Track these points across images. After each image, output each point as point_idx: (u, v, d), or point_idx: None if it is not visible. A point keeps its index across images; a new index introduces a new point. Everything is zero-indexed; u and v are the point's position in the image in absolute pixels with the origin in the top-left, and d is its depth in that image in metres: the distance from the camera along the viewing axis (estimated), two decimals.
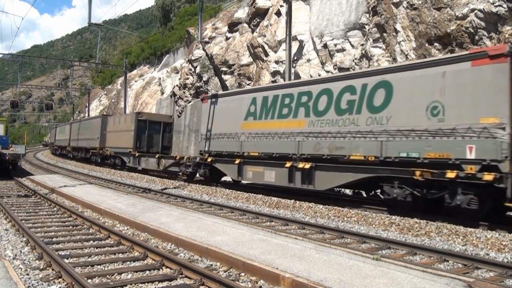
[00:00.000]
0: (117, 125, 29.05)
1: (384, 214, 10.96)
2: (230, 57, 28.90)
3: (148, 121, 26.25)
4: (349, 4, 19.74)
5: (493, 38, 13.40)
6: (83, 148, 36.54)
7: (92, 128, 33.23)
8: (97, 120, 32.89)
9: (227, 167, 16.95)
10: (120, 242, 7.99)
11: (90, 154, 33.94)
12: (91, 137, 33.08)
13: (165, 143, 26.97)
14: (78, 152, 39.20)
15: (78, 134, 38.22)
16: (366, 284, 5.18)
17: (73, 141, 40.62)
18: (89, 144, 33.65)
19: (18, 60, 47.50)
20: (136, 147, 25.59)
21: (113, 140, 29.15)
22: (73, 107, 74.24)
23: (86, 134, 35.00)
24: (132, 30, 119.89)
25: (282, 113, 14.48)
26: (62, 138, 47.77)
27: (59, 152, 50.18)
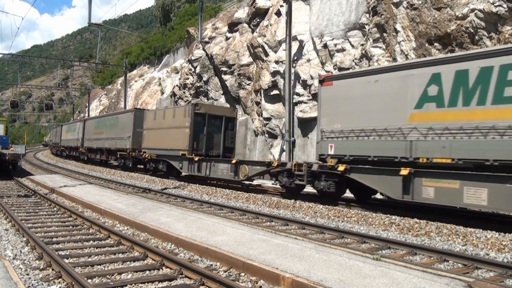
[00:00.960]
0: (160, 121, 22.81)
1: (384, 214, 10.96)
2: (230, 57, 28.90)
3: (207, 115, 20.15)
4: (349, 4, 19.74)
5: (493, 38, 13.40)
6: (103, 149, 30.93)
7: (120, 125, 27.83)
8: (127, 115, 27.10)
9: (379, 180, 11.57)
10: (120, 242, 7.99)
11: (116, 156, 28.52)
12: (118, 136, 27.67)
13: (227, 143, 20.83)
14: (95, 154, 33.44)
15: (96, 132, 32.70)
16: (366, 284, 5.18)
17: (88, 141, 35.09)
18: (115, 144, 28.24)
19: (18, 60, 47.53)
20: (192, 149, 19.60)
21: (154, 139, 22.94)
22: (73, 107, 74.29)
23: (110, 132, 29.54)
24: (132, 30, 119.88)
25: (503, 96, 9.26)
26: (70, 137, 42.01)
27: (66, 154, 44.91)
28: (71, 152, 42.47)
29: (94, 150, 33.88)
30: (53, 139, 57.29)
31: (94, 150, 33.88)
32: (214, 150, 20.33)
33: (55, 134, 54.35)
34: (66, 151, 45.17)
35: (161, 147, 22.02)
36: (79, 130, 38.25)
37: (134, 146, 25.09)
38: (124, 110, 35.42)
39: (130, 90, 50.56)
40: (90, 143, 34.37)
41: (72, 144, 41.21)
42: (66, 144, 44.29)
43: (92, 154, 34.42)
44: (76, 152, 39.75)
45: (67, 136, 44.31)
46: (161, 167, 22.54)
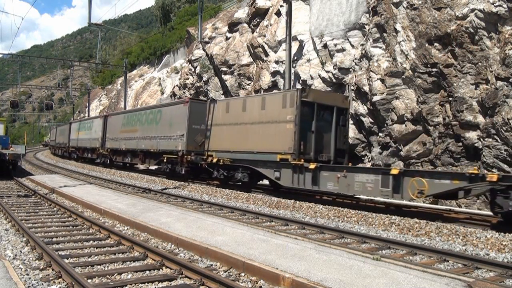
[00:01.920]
0: (238, 114, 16.86)
1: (384, 214, 10.96)
2: (230, 57, 28.89)
3: (316, 104, 14.50)
4: (349, 4, 19.74)
5: (493, 38, 13.39)
6: (137, 151, 25.03)
7: (165, 121, 22.19)
8: (177, 108, 21.09)
9: None
10: (120, 242, 7.99)
11: (158, 160, 23.04)
12: (163, 134, 22.03)
13: (339, 144, 15.38)
14: (123, 156, 27.67)
15: (126, 131, 27.19)
16: (366, 284, 5.18)
17: (112, 142, 29.45)
18: (156, 145, 22.43)
19: (18, 60, 47.55)
20: (299, 152, 14.08)
21: (228, 139, 17.23)
22: (73, 107, 74.27)
23: (147, 130, 24.05)
24: (132, 30, 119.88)
25: None
26: (85, 137, 36.08)
27: (77, 156, 39.32)
28: (85, 153, 36.52)
29: (121, 152, 27.85)
30: (56, 139, 51.47)
31: (121, 152, 27.85)
32: (324, 154, 14.78)
33: (60, 133, 49.14)
34: (77, 153, 39.20)
35: (240, 149, 16.37)
36: (97, 128, 32.43)
37: (190, 147, 19.41)
38: (172, 101, 28.47)
39: (130, 90, 50.54)
40: (116, 144, 28.38)
41: (86, 145, 35.24)
42: (78, 144, 38.25)
43: (119, 156, 28.47)
44: (93, 154, 33.66)
45: (79, 135, 38.11)
46: (241, 176, 16.51)
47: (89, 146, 34.66)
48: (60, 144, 47.57)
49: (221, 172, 17.64)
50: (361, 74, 18.34)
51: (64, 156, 45.43)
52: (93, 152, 33.84)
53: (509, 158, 13.20)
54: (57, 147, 51.15)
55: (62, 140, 45.97)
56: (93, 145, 33.37)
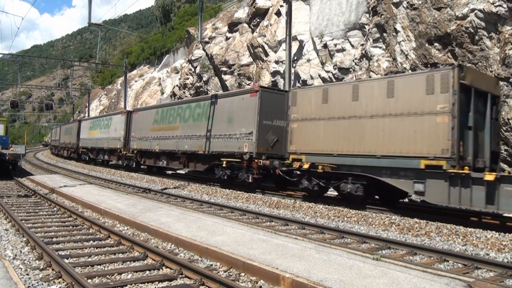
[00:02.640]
0: (345, 104, 12.77)
1: (384, 214, 10.97)
2: (230, 57, 28.90)
3: (473, 90, 10.79)
4: (349, 4, 19.74)
5: (493, 38, 13.40)
6: (177, 152, 20.69)
7: (221, 116, 17.77)
8: (240, 99, 16.71)
9: None
10: (120, 242, 7.99)
11: (207, 165, 18.50)
12: (220, 133, 17.51)
13: (494, 145, 11.63)
14: (155, 159, 23.48)
15: (158, 129, 22.97)
16: (366, 284, 5.18)
17: (140, 141, 24.96)
18: (209, 146, 18.09)
19: (18, 60, 47.54)
20: (459, 156, 10.22)
21: (329, 138, 13.13)
22: (73, 107, 74.31)
23: (192, 128, 19.63)
24: (132, 30, 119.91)
25: None
26: (101, 136, 31.64)
27: (88, 158, 35.38)
28: (100, 155, 32.41)
29: (152, 154, 23.80)
30: (61, 138, 47.10)
31: (152, 154, 23.80)
32: (479, 158, 10.89)
33: (65, 132, 44.93)
34: (89, 154, 34.89)
35: (349, 151, 12.37)
36: (118, 125, 28.26)
37: (261, 149, 15.42)
38: (232, 91, 22.92)
39: (130, 90, 50.55)
40: (145, 144, 24.20)
41: (103, 145, 30.81)
42: (91, 145, 33.96)
43: (149, 159, 24.35)
44: (112, 156, 29.86)
45: (92, 134, 34.04)
46: (351, 188, 12.37)
47: (106, 146, 30.03)
48: (67, 144, 42.99)
49: (314, 182, 13.46)
50: (361, 74, 18.35)
51: (72, 157, 40.81)
52: (111, 153, 29.46)
53: (509, 158, 13.21)
54: (62, 148, 46.36)
55: (69, 140, 41.43)
56: (112, 145, 28.89)
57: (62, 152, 46.62)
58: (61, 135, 47.02)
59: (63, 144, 45.40)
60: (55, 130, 55.10)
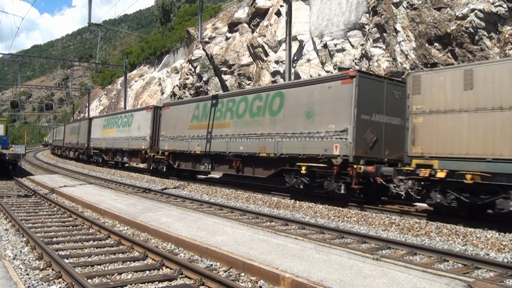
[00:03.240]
0: (506, 90, 9.32)
1: (384, 214, 10.96)
2: (230, 57, 28.91)
3: None
4: (349, 4, 19.74)
5: (493, 38, 13.40)
6: (228, 155, 17.18)
7: (293, 110, 14.34)
8: (325, 88, 13.29)
9: None
10: (120, 242, 7.99)
11: (278, 170, 14.94)
12: (295, 131, 14.12)
13: None
14: (196, 162, 19.71)
15: (198, 127, 19.35)
16: (366, 284, 5.18)
17: (173, 142, 21.21)
18: (278, 147, 14.67)
19: (18, 60, 47.53)
20: None
21: (479, 137, 9.73)
22: (73, 107, 74.29)
23: (250, 125, 16.19)
24: (132, 30, 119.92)
25: None
26: (118, 136, 27.95)
27: (102, 159, 31.39)
28: (118, 157, 28.54)
29: (190, 156, 19.96)
30: (66, 138, 43.39)
31: (190, 156, 19.96)
32: None
33: (71, 131, 41.14)
34: (103, 156, 31.22)
35: (506, 155, 9.23)
36: (142, 123, 24.65)
37: (359, 151, 12.14)
38: (311, 78, 17.29)
39: (130, 90, 50.54)
40: (181, 145, 20.44)
41: (122, 146, 26.91)
42: (106, 145, 30.13)
43: (186, 162, 20.55)
44: (135, 158, 25.73)
45: (106, 133, 30.49)
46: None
47: (127, 147, 26.22)
48: (74, 145, 38.93)
49: (451, 196, 10.11)
50: None
51: (80, 159, 36.86)
52: (133, 155, 25.72)
53: None
54: (68, 149, 42.36)
55: (77, 140, 37.50)
56: (134, 146, 25.04)
57: (67, 153, 42.97)
58: (66, 135, 43.25)
59: (69, 145, 41.52)
60: (58, 129, 51.77)
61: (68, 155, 42.60)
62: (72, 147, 40.13)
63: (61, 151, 46.44)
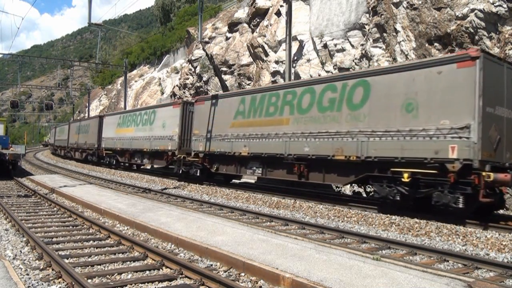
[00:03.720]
0: None
1: (384, 214, 10.96)
2: (230, 57, 28.92)
3: None
4: (349, 4, 19.74)
5: (493, 38, 13.40)
6: (287, 158, 14.21)
7: (386, 102, 11.38)
8: (432, 74, 10.39)
9: None
10: (120, 242, 7.99)
11: (363, 176, 12.02)
12: (388, 128, 11.20)
13: None
14: (242, 166, 16.65)
15: (245, 124, 16.29)
16: (366, 284, 5.17)
17: (215, 142, 17.71)
18: (363, 148, 11.77)
19: (18, 60, 47.53)
20: None
21: None
22: (73, 107, 74.28)
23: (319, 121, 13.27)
24: (132, 30, 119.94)
25: None
26: (137, 135, 24.99)
27: (116, 161, 28.63)
28: (136, 158, 25.40)
29: (232, 159, 17.02)
30: (70, 138, 40.52)
31: (232, 159, 17.02)
32: None
33: (76, 131, 38.28)
34: (116, 157, 28.10)
35: None
36: (168, 121, 21.49)
37: (485, 154, 9.59)
38: (410, 62, 12.69)
39: (130, 90, 50.56)
40: (220, 145, 17.44)
41: (143, 146, 23.72)
42: (124, 146, 26.55)
43: (228, 165, 17.49)
44: (158, 160, 22.79)
45: (124, 132, 27.16)
46: None
47: (148, 148, 23.14)
48: (81, 145, 36.13)
49: None
50: None
51: (89, 161, 33.90)
52: (156, 156, 22.84)
53: None
54: (74, 149, 39.24)
55: (85, 140, 34.58)
56: (158, 146, 22.00)
57: (73, 154, 39.56)
58: (71, 134, 40.05)
59: (75, 145, 38.24)
60: (60, 129, 48.61)
61: (73, 156, 39.52)
62: (79, 148, 36.96)
63: (65, 151, 43.36)
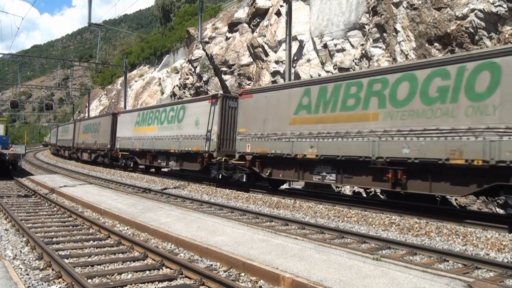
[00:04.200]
0: None
1: (384, 214, 10.96)
2: (230, 57, 28.92)
3: None
4: (349, 4, 19.74)
5: (493, 38, 13.40)
6: (374, 161, 11.51)
7: None
8: None
9: None
10: (120, 242, 7.99)
11: None
12: None
13: None
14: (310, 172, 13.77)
15: (330, 119, 13.01)
16: (366, 284, 5.17)
17: (268, 142, 15.08)
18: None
19: (18, 60, 47.48)
20: None
21: None
22: (73, 107, 74.28)
23: (450, 113, 9.98)
24: (132, 30, 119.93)
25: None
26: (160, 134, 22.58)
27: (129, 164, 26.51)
28: (160, 160, 22.80)
29: (292, 162, 14.30)
30: (77, 138, 37.85)
31: (292, 162, 14.30)
32: None
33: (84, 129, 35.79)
34: (137, 160, 25.53)
35: None
36: (200, 117, 19.01)
37: None
38: None
39: (130, 90, 50.56)
40: (274, 145, 14.85)
41: (169, 147, 21.31)
42: (144, 146, 24.11)
43: (286, 170, 14.67)
44: (190, 163, 19.97)
45: (144, 131, 24.53)
46: None
47: (176, 149, 20.61)
48: (89, 145, 33.33)
49: None
50: None
51: (100, 163, 31.11)
52: (187, 158, 20.20)
53: None
54: (81, 150, 36.29)
55: (95, 140, 32.09)
56: (190, 147, 19.54)
57: (79, 155, 36.76)
58: (78, 134, 37.31)
59: (82, 145, 35.55)
60: (64, 128, 45.66)
61: (80, 157, 36.43)
62: (88, 148, 34.04)
63: (70, 152, 40.23)
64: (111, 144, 28.93)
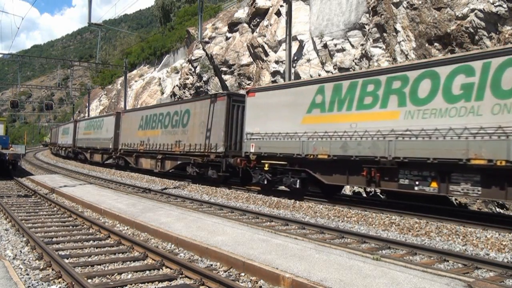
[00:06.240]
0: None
1: (384, 214, 10.96)
2: (230, 57, 28.92)
3: None
4: (349, 4, 19.74)
5: (493, 38, 13.40)
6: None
7: None
8: None
9: None
10: (120, 242, 7.99)
11: None
12: None
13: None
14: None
15: None
16: (366, 284, 5.17)
17: None
18: None
19: (18, 60, 47.49)
20: None
21: None
22: (73, 107, 74.24)
23: None
24: (132, 30, 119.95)
25: None
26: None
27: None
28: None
29: None
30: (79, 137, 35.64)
31: None
32: None
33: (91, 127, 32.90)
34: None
35: None
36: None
37: None
38: None
39: (130, 90, 50.55)
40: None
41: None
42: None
43: None
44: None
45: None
46: None
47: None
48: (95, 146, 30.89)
49: None
50: None
51: (111, 165, 28.94)
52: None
53: None
54: (89, 150, 33.08)
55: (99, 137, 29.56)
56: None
57: (89, 156, 33.37)
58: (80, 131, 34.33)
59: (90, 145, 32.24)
60: (70, 126, 41.29)
61: (89, 159, 33.40)
62: (97, 149, 31.70)
63: (73, 153, 37.60)
64: (116, 144, 27.22)
